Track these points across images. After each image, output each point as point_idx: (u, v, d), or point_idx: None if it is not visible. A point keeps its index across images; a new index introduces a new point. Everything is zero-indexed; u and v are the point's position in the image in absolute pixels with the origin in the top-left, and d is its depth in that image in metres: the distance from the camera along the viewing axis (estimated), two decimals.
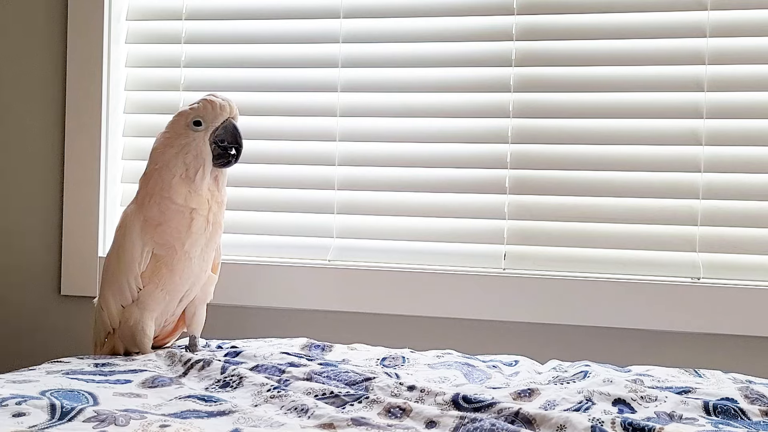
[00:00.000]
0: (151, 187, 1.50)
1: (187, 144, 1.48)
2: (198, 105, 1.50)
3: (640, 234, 1.78)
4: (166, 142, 1.50)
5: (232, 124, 1.49)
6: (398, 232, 1.89)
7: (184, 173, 1.47)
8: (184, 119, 1.50)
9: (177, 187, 1.47)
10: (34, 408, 1.06)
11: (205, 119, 1.48)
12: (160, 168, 1.49)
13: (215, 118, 1.49)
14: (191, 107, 1.50)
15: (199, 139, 1.48)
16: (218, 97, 1.50)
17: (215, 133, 1.49)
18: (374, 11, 1.90)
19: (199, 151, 1.48)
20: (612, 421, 1.06)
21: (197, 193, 1.48)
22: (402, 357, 1.53)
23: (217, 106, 1.49)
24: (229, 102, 1.50)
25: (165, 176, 1.48)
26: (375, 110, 1.91)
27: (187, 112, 1.50)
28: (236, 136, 1.49)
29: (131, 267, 1.49)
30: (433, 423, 1.09)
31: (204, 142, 1.48)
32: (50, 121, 2.02)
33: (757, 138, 1.74)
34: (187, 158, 1.48)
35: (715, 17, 1.74)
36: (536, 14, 1.82)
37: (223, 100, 1.49)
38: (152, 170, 1.50)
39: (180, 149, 1.48)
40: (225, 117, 1.49)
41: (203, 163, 1.48)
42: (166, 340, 1.63)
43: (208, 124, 1.48)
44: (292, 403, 1.15)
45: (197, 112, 1.49)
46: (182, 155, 1.48)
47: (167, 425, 1.02)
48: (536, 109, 1.82)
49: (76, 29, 1.99)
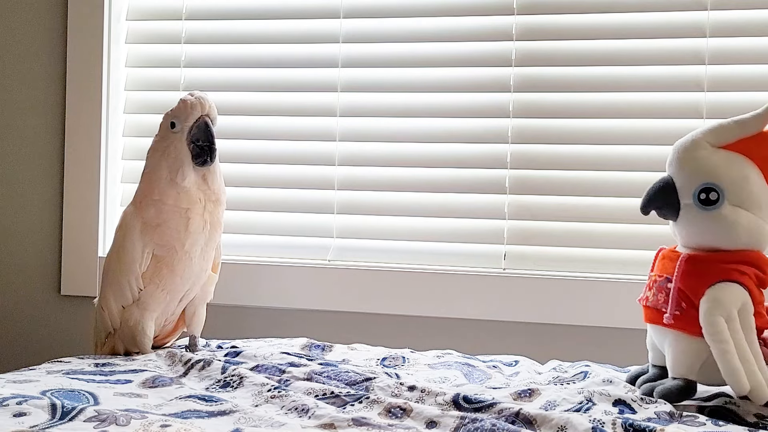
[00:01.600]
0: (144, 190, 1.50)
1: (167, 146, 1.49)
2: (175, 106, 1.50)
3: (640, 234, 1.78)
4: (154, 145, 1.52)
5: (204, 122, 1.48)
6: (398, 232, 1.89)
7: (168, 175, 1.48)
8: (165, 121, 1.51)
9: (166, 190, 1.48)
10: (34, 408, 1.06)
11: (179, 119, 1.49)
12: (149, 172, 1.51)
13: (188, 117, 1.48)
14: (171, 109, 1.51)
15: (177, 140, 1.48)
16: (191, 96, 1.49)
17: (191, 132, 1.48)
18: (374, 11, 1.90)
19: (178, 152, 1.48)
20: (613, 422, 1.06)
21: (186, 194, 1.48)
22: (402, 357, 1.53)
23: (188, 106, 1.48)
24: (201, 100, 1.49)
25: (153, 179, 1.49)
26: (375, 110, 1.91)
27: (167, 113, 1.51)
28: (208, 135, 1.48)
29: (132, 267, 1.49)
30: (434, 423, 1.09)
31: (181, 142, 1.48)
32: (50, 121, 2.02)
33: None
34: (169, 160, 1.48)
35: (715, 17, 1.74)
36: (536, 14, 1.82)
37: (195, 99, 1.48)
38: (144, 174, 1.52)
39: (162, 152, 1.49)
40: (197, 116, 1.48)
41: (182, 163, 1.48)
42: (166, 340, 1.63)
43: (182, 125, 1.48)
44: (292, 403, 1.15)
45: (173, 113, 1.50)
46: (165, 158, 1.48)
47: (168, 425, 1.02)
48: (536, 109, 1.82)
49: (76, 29, 1.99)
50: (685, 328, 1.21)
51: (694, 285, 1.21)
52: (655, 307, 1.25)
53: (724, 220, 1.21)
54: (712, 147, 1.24)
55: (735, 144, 1.24)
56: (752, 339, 1.18)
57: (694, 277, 1.21)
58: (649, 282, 1.28)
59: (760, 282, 1.22)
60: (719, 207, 1.21)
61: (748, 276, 1.21)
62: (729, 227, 1.21)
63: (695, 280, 1.21)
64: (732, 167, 1.22)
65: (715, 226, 1.22)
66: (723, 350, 1.15)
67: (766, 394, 1.15)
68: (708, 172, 1.22)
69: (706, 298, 1.19)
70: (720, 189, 1.21)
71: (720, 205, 1.21)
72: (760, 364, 1.17)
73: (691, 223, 1.24)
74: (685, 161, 1.24)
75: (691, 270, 1.22)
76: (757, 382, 1.14)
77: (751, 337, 1.18)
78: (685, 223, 1.25)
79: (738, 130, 1.24)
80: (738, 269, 1.20)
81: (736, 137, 1.23)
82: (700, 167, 1.23)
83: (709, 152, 1.23)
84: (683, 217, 1.24)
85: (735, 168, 1.22)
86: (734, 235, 1.21)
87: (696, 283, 1.21)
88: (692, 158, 1.24)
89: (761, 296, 1.23)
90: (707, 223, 1.22)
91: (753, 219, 1.22)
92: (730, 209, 1.21)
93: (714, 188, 1.21)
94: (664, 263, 1.27)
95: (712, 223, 1.22)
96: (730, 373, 1.15)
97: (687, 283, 1.21)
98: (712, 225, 1.22)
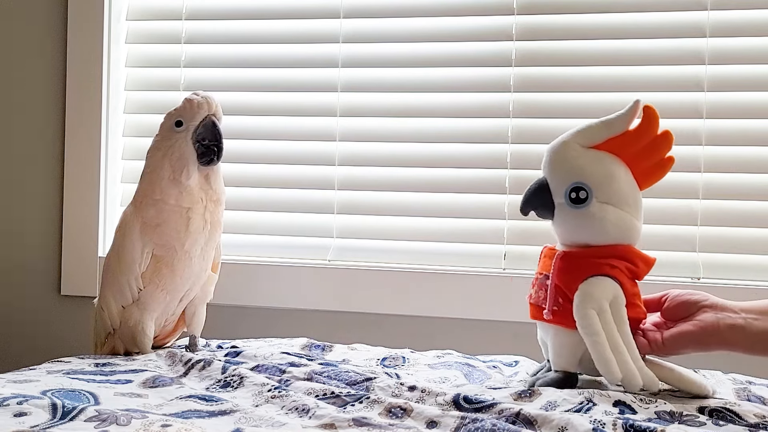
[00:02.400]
0: (144, 190, 1.50)
1: (171, 146, 1.48)
2: (180, 105, 1.50)
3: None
4: (156, 145, 1.51)
5: (211, 122, 1.49)
6: (398, 232, 1.89)
7: (171, 175, 1.48)
8: (168, 121, 1.50)
9: (167, 189, 1.47)
10: (35, 408, 1.06)
11: (185, 119, 1.48)
12: (151, 171, 1.50)
13: (194, 116, 1.48)
14: (175, 108, 1.50)
15: (182, 140, 1.48)
16: (197, 96, 1.49)
17: (196, 131, 1.48)
18: (374, 11, 1.90)
19: (183, 151, 1.48)
20: (613, 423, 1.06)
21: (188, 193, 1.48)
22: (402, 357, 1.53)
23: (195, 105, 1.48)
24: (208, 99, 1.49)
25: (155, 179, 1.49)
26: (375, 110, 1.91)
27: (171, 113, 1.50)
28: (215, 134, 1.48)
29: (132, 267, 1.49)
30: (434, 423, 1.09)
31: (186, 142, 1.48)
32: (50, 121, 2.02)
33: (757, 138, 1.74)
34: (173, 159, 1.48)
35: (715, 17, 1.74)
36: (536, 14, 1.82)
37: (202, 98, 1.48)
38: (145, 173, 1.51)
39: (165, 151, 1.48)
40: (204, 115, 1.48)
41: (187, 163, 1.47)
42: (166, 340, 1.62)
43: (188, 124, 1.48)
44: (293, 403, 1.15)
45: (179, 112, 1.49)
46: (168, 157, 1.48)
47: (169, 425, 1.02)
48: (536, 109, 1.82)
49: (76, 29, 1.99)
50: (563, 323, 1.26)
51: (568, 281, 1.26)
52: (537, 304, 1.30)
53: (593, 217, 1.25)
54: (582, 147, 1.28)
55: (604, 144, 1.28)
56: (624, 330, 1.23)
57: (569, 273, 1.26)
58: (533, 280, 1.33)
59: (633, 275, 1.27)
60: (588, 205, 1.25)
61: (619, 269, 1.25)
62: (598, 224, 1.26)
63: (569, 275, 1.26)
64: (599, 166, 1.27)
65: (586, 223, 1.26)
66: (594, 342, 1.21)
67: (639, 382, 1.20)
68: (577, 172, 1.26)
69: (578, 292, 1.24)
70: (588, 188, 1.25)
71: (589, 203, 1.26)
72: (633, 354, 1.22)
73: (564, 222, 1.29)
74: (556, 162, 1.29)
75: (566, 266, 1.27)
76: (629, 371, 1.20)
77: (624, 329, 1.23)
78: (560, 222, 1.30)
79: (605, 130, 1.28)
80: (609, 263, 1.25)
81: (605, 137, 1.28)
82: (570, 167, 1.27)
83: (578, 153, 1.28)
84: (558, 216, 1.29)
85: (602, 167, 1.27)
86: (603, 231, 1.26)
87: (570, 279, 1.26)
88: (562, 159, 1.28)
89: (635, 288, 1.28)
90: (578, 221, 1.27)
91: (621, 215, 1.26)
92: (599, 206, 1.25)
93: (583, 187, 1.26)
94: (545, 261, 1.32)
95: (583, 220, 1.26)
96: (602, 363, 1.20)
97: (562, 279, 1.26)
98: (582, 222, 1.27)
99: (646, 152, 1.29)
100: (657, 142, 1.29)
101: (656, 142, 1.29)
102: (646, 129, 1.28)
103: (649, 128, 1.28)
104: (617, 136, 1.28)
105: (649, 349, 1.25)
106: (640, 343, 1.25)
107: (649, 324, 1.30)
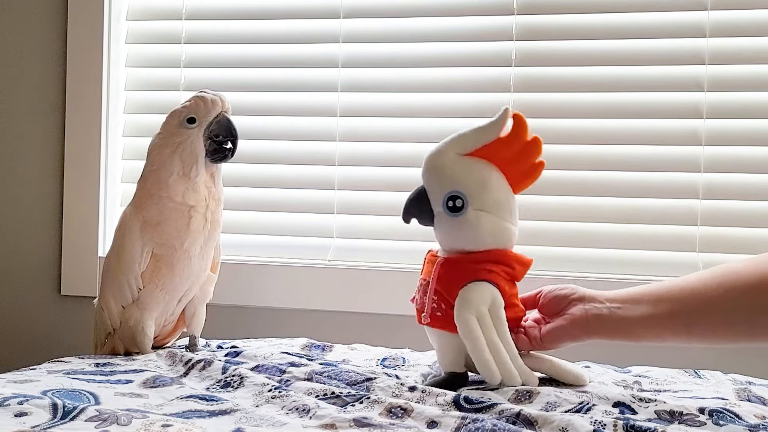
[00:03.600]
0: (149, 188, 1.50)
1: (182, 142, 1.48)
2: (190, 102, 1.50)
3: (640, 234, 1.78)
4: (162, 142, 1.50)
5: (226, 118, 1.50)
6: (398, 232, 1.89)
7: (181, 171, 1.48)
8: (176, 118, 1.50)
9: (175, 185, 1.48)
10: (36, 408, 1.06)
11: (198, 115, 1.49)
12: (158, 168, 1.49)
13: (208, 113, 1.49)
14: (183, 106, 1.51)
15: (194, 136, 1.48)
16: (209, 93, 1.50)
17: (209, 128, 1.49)
18: (374, 11, 1.90)
19: (194, 147, 1.48)
20: (614, 424, 1.06)
21: (195, 190, 1.48)
22: (402, 357, 1.53)
23: (209, 102, 1.49)
24: (221, 97, 1.50)
25: (162, 176, 1.48)
26: (375, 110, 1.91)
27: (179, 110, 1.50)
28: (231, 130, 1.50)
29: (131, 267, 1.49)
30: (435, 423, 1.09)
31: (198, 138, 1.48)
32: (50, 121, 2.02)
33: (757, 138, 1.74)
34: (183, 155, 1.48)
35: (715, 17, 1.74)
36: (536, 14, 1.83)
37: (215, 95, 1.50)
38: (149, 171, 1.51)
39: (175, 148, 1.48)
40: (217, 112, 1.49)
41: (197, 159, 1.48)
42: (166, 340, 1.63)
43: (201, 120, 1.49)
44: (293, 404, 1.15)
45: (190, 109, 1.49)
46: (178, 153, 1.48)
47: (169, 425, 1.02)
48: (536, 109, 1.82)
49: (76, 29, 1.99)
50: (446, 327, 1.28)
51: (448, 287, 1.28)
52: (422, 309, 1.32)
53: (468, 224, 1.27)
54: (457, 155, 1.29)
55: (479, 150, 1.29)
56: (503, 331, 1.26)
57: (449, 279, 1.28)
58: (418, 285, 1.35)
59: (511, 277, 1.30)
60: (464, 213, 1.27)
61: (496, 273, 1.27)
62: (473, 231, 1.28)
63: (449, 282, 1.28)
64: (472, 174, 1.28)
65: (463, 230, 1.28)
66: (474, 346, 1.24)
67: (518, 381, 1.24)
68: (452, 181, 1.28)
69: (458, 299, 1.26)
70: (463, 196, 1.27)
71: (465, 211, 1.27)
72: (512, 354, 1.25)
73: (444, 229, 1.31)
74: (432, 170, 1.30)
75: (446, 273, 1.29)
76: (508, 372, 1.24)
77: (502, 330, 1.26)
78: (439, 229, 1.31)
79: (479, 138, 1.29)
80: (486, 268, 1.27)
81: (478, 144, 1.29)
82: (445, 176, 1.29)
83: (453, 161, 1.29)
84: (437, 223, 1.31)
85: (475, 174, 1.28)
86: (480, 237, 1.28)
87: (450, 285, 1.28)
88: (438, 167, 1.30)
89: (513, 289, 1.30)
90: (456, 229, 1.29)
91: (495, 220, 1.28)
92: (474, 214, 1.27)
93: (459, 196, 1.27)
94: (427, 267, 1.34)
95: (460, 228, 1.28)
96: (482, 366, 1.24)
97: (443, 285, 1.29)
98: (460, 230, 1.28)
99: (518, 158, 1.30)
100: (528, 148, 1.31)
101: (527, 148, 1.31)
102: (516, 136, 1.30)
103: (519, 135, 1.30)
104: (490, 143, 1.29)
105: (530, 345, 1.29)
106: (522, 341, 1.29)
107: (530, 321, 1.33)
